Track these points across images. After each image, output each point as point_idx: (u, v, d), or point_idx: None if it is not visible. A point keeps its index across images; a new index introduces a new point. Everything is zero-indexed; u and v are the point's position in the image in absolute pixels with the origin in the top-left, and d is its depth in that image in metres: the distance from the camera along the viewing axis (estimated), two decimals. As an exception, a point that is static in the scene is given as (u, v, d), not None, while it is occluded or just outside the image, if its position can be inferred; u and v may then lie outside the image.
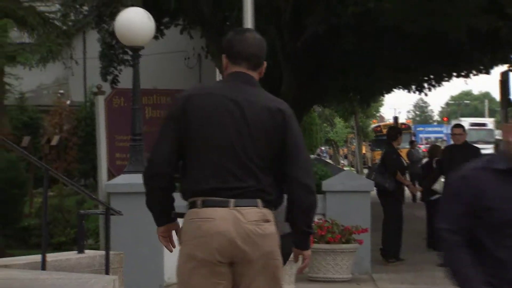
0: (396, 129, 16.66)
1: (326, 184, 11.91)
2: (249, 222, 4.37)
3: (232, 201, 4.37)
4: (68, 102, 21.90)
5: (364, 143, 56.54)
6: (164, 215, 4.63)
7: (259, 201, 4.43)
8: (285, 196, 4.61)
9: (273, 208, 4.52)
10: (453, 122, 50.93)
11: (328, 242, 10.79)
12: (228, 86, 4.63)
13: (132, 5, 11.70)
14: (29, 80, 21.21)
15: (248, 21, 10.74)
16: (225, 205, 4.36)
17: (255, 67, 4.67)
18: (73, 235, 12.26)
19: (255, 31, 4.98)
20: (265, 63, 4.76)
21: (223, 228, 4.34)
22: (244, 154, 4.45)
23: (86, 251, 8.38)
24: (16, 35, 13.61)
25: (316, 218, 11.25)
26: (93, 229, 11.52)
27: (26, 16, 12.88)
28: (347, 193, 11.76)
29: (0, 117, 12.95)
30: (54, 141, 18.44)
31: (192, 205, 4.45)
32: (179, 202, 4.61)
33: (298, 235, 4.62)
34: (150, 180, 4.56)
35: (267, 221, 4.44)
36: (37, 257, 7.42)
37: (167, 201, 4.60)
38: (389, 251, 12.90)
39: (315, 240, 10.65)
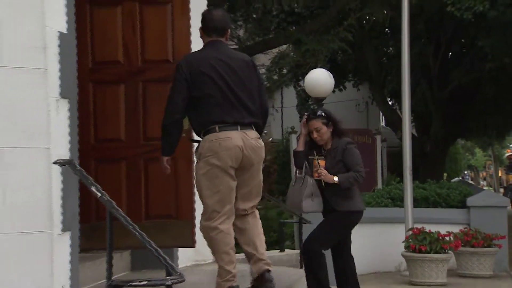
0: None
1: (470, 201, 11.52)
2: (252, 139, 4.85)
3: (238, 126, 4.80)
4: (270, 139, 22.21)
5: (500, 168, 54.36)
6: (174, 148, 4.98)
7: (253, 127, 4.90)
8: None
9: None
10: None
11: (473, 246, 10.50)
12: (213, 50, 4.92)
13: (321, 67, 11.83)
14: (242, 124, 21.79)
15: (405, 77, 10.59)
16: (235, 129, 4.79)
17: (222, 35, 5.00)
18: (275, 238, 12.34)
19: (221, 9, 5.36)
20: (229, 31, 5.13)
21: (237, 143, 4.77)
22: (240, 94, 4.86)
23: (286, 250, 8.43)
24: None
25: (462, 227, 11.03)
26: (290, 233, 11.58)
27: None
28: (488, 208, 11.33)
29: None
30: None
31: (210, 131, 4.80)
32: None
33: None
34: (170, 125, 4.86)
35: (260, 138, 4.94)
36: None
37: (178, 138, 4.96)
38: None
39: (462, 244, 10.46)
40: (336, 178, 5.90)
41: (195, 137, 5.16)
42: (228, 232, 4.80)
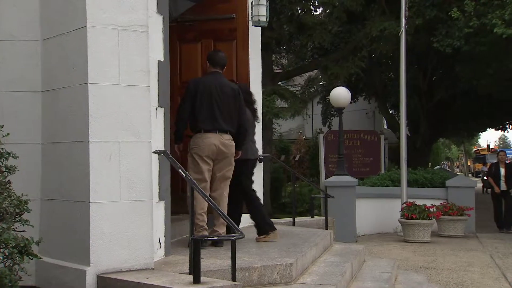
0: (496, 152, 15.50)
1: (448, 182, 11.29)
2: (225, 139, 4.94)
3: (217, 131, 4.92)
4: (304, 137, 22.03)
5: (469, 159, 53.25)
6: (182, 138, 5.06)
7: (228, 132, 4.98)
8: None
9: (233, 136, 5.04)
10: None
11: (449, 215, 10.29)
12: (212, 78, 5.02)
13: (340, 85, 11.67)
14: (285, 126, 21.55)
15: (402, 93, 10.38)
16: (215, 132, 4.92)
17: (222, 68, 5.10)
18: (307, 208, 12.25)
19: (222, 52, 5.26)
20: (225, 65, 5.17)
21: (214, 141, 4.90)
22: (223, 110, 4.94)
23: (315, 217, 8.36)
24: (278, 103, 13.93)
25: (442, 201, 10.77)
26: (318, 205, 11.48)
27: (283, 92, 13.18)
28: (460, 188, 11.09)
29: (269, 146, 13.27)
30: (297, 158, 18.65)
31: (199, 131, 4.92)
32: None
33: (240, 146, 5.18)
34: (179, 122, 4.96)
35: (232, 140, 5.00)
36: (290, 219, 7.50)
37: (183, 132, 5.03)
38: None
39: (442, 214, 10.26)
40: None
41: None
42: (201, 198, 4.69)
